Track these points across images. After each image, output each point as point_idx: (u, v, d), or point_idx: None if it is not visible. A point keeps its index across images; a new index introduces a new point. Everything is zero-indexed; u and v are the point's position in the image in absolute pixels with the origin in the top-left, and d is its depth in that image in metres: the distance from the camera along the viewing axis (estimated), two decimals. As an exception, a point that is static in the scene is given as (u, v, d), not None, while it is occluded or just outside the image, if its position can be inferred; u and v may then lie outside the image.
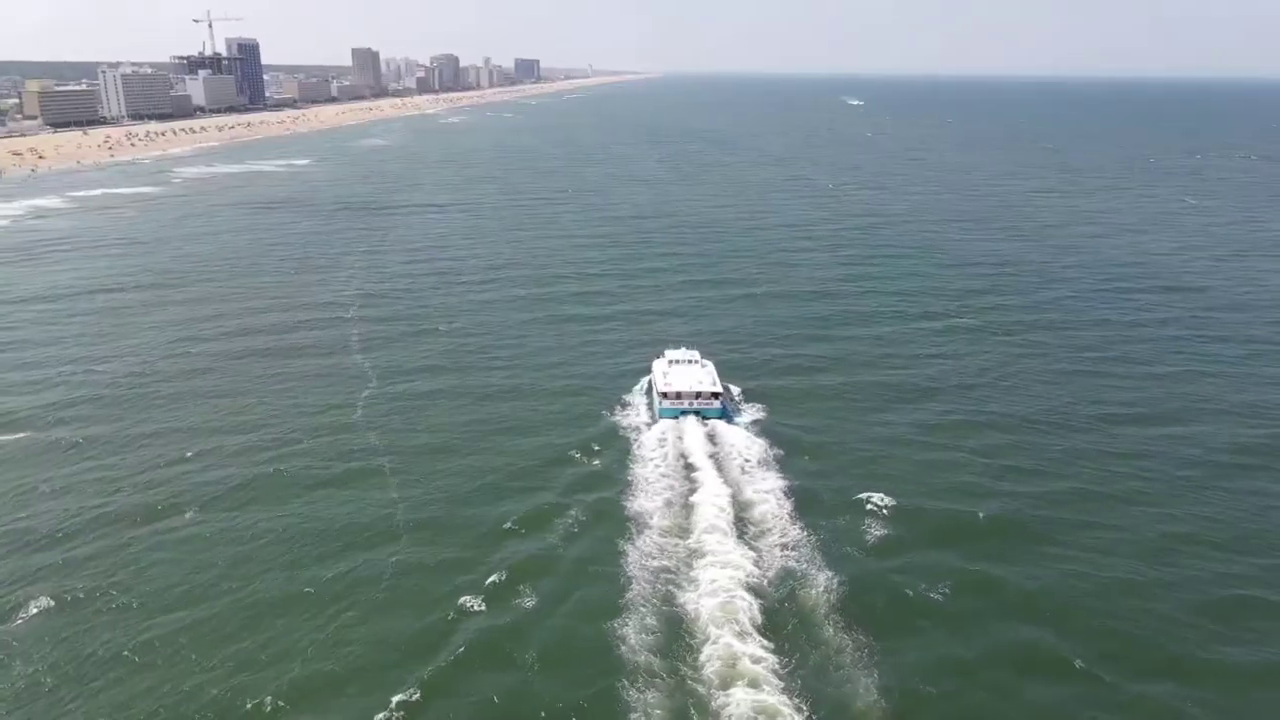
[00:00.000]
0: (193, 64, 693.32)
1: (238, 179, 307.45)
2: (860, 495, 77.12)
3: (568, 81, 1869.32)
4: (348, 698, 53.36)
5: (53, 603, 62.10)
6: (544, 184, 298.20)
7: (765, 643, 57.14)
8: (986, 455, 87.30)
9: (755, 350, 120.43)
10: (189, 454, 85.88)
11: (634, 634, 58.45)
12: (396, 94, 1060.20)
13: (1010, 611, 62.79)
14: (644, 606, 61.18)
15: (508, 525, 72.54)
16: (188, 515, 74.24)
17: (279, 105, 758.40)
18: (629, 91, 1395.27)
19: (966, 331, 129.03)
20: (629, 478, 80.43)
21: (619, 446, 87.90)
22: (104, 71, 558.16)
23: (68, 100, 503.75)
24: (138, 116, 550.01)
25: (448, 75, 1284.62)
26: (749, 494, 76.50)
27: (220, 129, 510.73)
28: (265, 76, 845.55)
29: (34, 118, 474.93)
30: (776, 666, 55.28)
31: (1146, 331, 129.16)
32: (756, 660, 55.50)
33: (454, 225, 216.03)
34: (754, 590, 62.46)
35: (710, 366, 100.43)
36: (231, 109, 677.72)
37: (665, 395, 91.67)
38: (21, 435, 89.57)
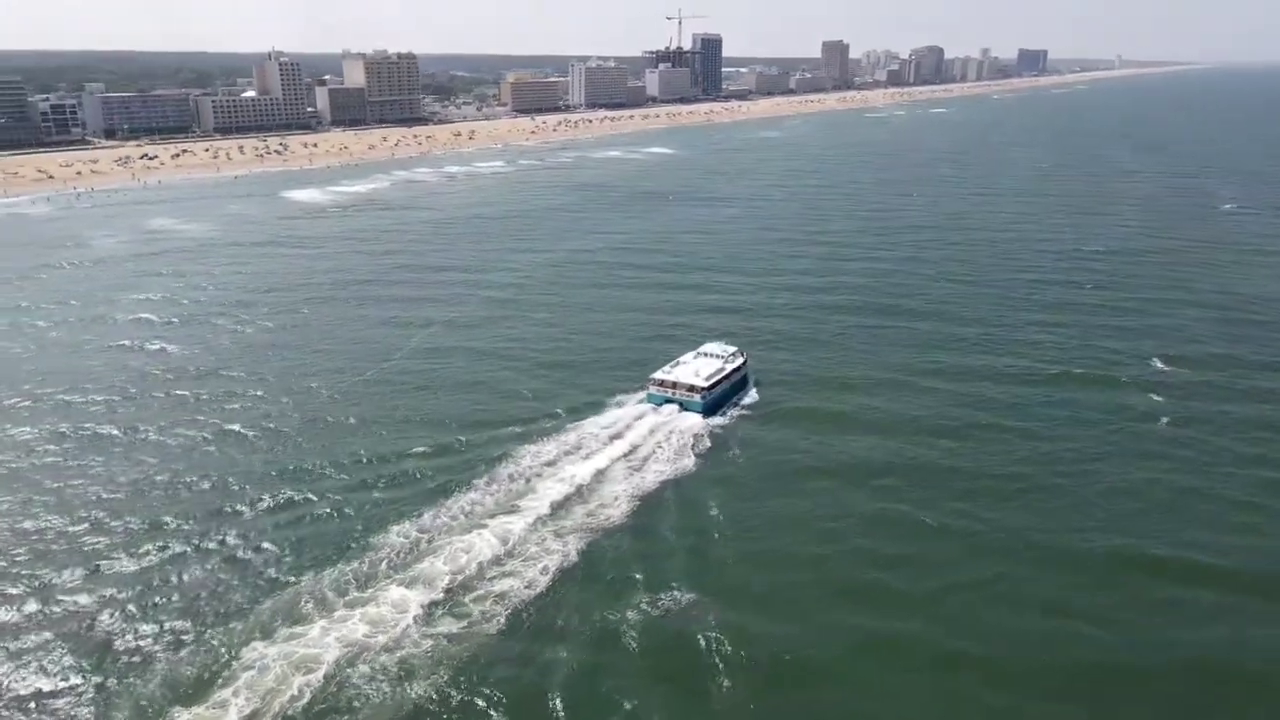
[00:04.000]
0: (659, 58, 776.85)
1: (587, 163, 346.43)
2: (674, 588, 64.89)
3: (1078, 75, 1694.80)
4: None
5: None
6: (866, 179, 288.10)
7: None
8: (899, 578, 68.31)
9: (824, 366, 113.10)
10: (221, 359, 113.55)
11: (165, 646, 58.08)
12: (860, 87, 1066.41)
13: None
14: (224, 633, 59.28)
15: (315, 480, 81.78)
16: (154, 406, 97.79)
17: (729, 96, 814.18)
18: (1142, 86, 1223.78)
19: (1080, 385, 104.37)
20: (497, 466, 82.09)
21: (553, 427, 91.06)
22: (573, 65, 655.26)
23: (535, 90, 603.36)
24: (593, 105, 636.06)
25: (928, 68, 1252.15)
26: (550, 543, 69.43)
27: (645, 118, 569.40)
28: (726, 69, 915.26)
29: (505, 104, 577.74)
30: None
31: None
32: None
33: (712, 218, 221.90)
34: (343, 665, 55.68)
35: (729, 364, 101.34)
36: (683, 100, 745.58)
37: (661, 384, 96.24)
38: (175, 347, 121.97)
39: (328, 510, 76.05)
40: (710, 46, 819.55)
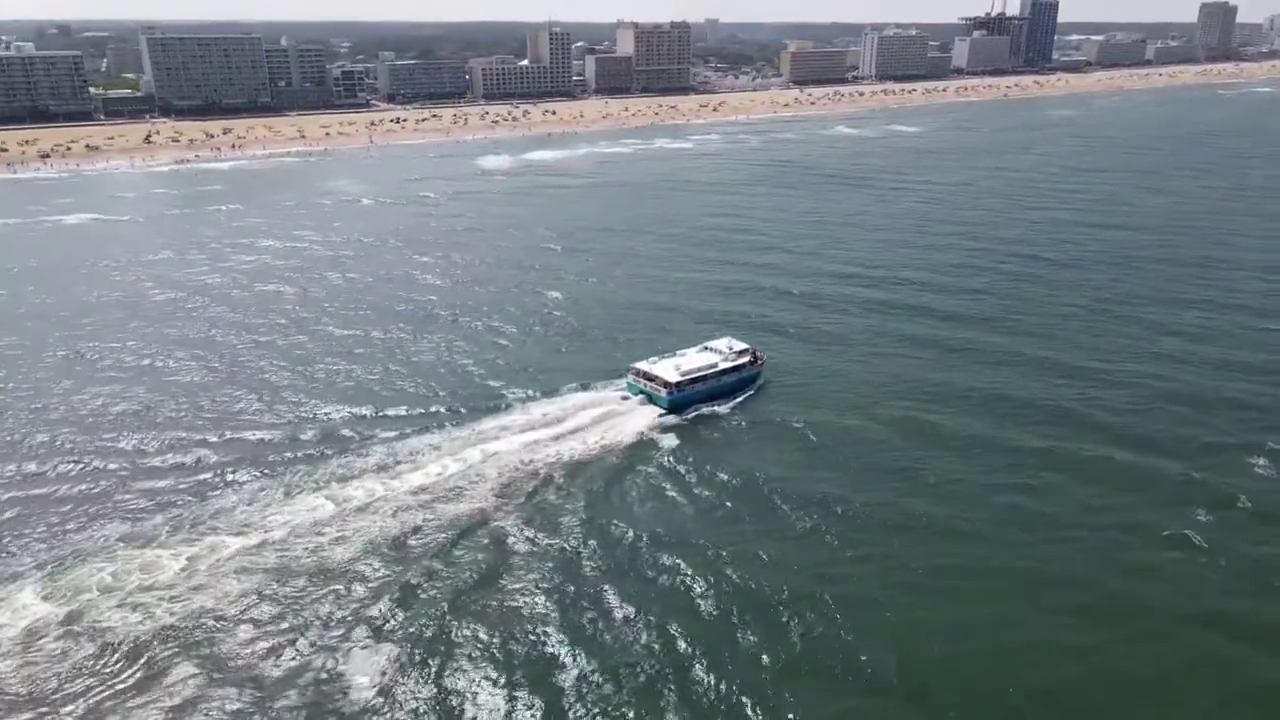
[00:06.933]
0: (974, 25, 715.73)
1: (804, 139, 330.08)
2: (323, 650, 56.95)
3: None
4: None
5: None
6: (1119, 168, 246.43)
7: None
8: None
9: (838, 379, 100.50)
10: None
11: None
12: (1251, 58, 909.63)
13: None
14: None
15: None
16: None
17: (1058, 69, 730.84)
18: None
19: (1120, 445, 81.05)
20: (321, 462, 79.35)
21: (442, 420, 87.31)
22: (866, 34, 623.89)
23: (816, 60, 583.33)
24: (884, 77, 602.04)
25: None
26: (227, 582, 62.49)
27: (926, 92, 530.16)
28: (1073, 37, 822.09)
29: (780, 75, 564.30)
30: None
31: None
32: None
33: (874, 205, 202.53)
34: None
35: (725, 363, 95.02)
36: (996, 71, 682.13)
37: (640, 374, 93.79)
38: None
39: (104, 479, 76.57)
40: (1041, 11, 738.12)
